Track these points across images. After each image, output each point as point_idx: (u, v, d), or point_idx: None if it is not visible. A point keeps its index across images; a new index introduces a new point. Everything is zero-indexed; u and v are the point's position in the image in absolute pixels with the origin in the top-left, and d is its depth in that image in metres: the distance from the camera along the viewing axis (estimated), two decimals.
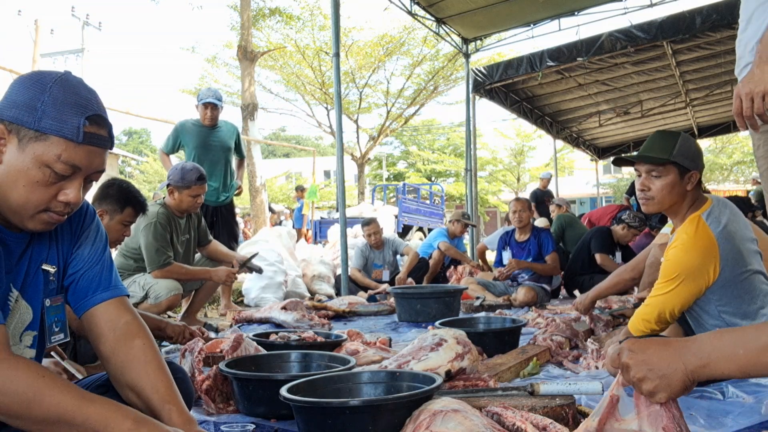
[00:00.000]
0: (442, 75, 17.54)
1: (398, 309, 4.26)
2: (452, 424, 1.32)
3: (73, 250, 1.33)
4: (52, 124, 1.10)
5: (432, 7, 7.60)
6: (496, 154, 27.13)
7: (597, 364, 2.51)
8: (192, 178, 3.72)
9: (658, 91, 9.95)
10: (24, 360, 1.09)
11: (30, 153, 1.11)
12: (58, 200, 1.15)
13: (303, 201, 12.84)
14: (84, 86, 1.17)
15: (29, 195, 1.13)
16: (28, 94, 1.12)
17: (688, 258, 2.04)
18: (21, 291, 1.22)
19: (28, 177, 1.11)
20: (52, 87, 1.12)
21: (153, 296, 3.43)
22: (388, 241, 6.30)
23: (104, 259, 1.36)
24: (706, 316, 2.13)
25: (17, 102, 1.12)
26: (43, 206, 1.15)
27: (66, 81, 1.15)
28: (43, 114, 1.10)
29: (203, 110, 4.79)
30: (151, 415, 1.22)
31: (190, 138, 4.80)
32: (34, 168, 1.11)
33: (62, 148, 1.11)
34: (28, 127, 1.10)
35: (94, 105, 1.16)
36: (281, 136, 36.88)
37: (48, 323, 1.27)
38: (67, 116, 1.11)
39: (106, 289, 1.33)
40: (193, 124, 4.85)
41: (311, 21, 15.98)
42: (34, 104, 1.10)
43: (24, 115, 1.10)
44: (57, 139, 1.11)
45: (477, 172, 9.44)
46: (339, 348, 2.58)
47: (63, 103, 1.11)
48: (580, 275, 5.57)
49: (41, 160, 1.11)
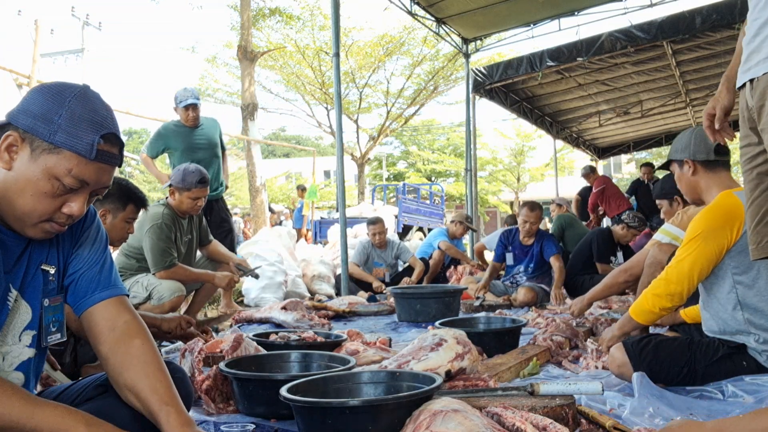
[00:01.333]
0: (442, 75, 17.53)
1: (398, 309, 4.26)
2: (452, 424, 1.32)
3: (73, 250, 1.33)
4: (66, 138, 1.12)
5: (432, 7, 7.60)
6: (496, 154, 27.11)
7: (597, 364, 2.51)
8: (193, 181, 3.71)
9: (658, 91, 9.95)
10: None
11: (41, 164, 1.12)
12: (62, 212, 1.17)
13: (303, 201, 12.84)
14: (102, 103, 1.19)
15: (35, 204, 1.14)
16: (46, 106, 1.13)
17: (710, 216, 2.09)
18: (20, 291, 1.22)
19: (37, 187, 1.13)
20: (71, 101, 1.13)
21: (156, 297, 3.43)
22: (392, 243, 6.30)
23: (104, 259, 1.37)
24: (719, 289, 2.11)
25: (34, 112, 1.13)
26: (46, 216, 1.16)
27: (85, 96, 1.16)
28: (59, 127, 1.12)
29: (184, 113, 4.73)
30: (150, 417, 1.22)
31: (176, 142, 4.75)
32: (43, 179, 1.13)
33: (74, 163, 1.13)
34: (43, 139, 1.12)
35: (110, 123, 1.18)
36: (281, 136, 36.89)
37: (45, 323, 1.28)
38: (83, 133, 1.13)
39: (105, 288, 1.33)
40: (176, 127, 4.79)
41: (311, 21, 15.98)
42: (51, 117, 1.12)
43: (40, 126, 1.11)
44: (70, 154, 1.13)
45: (477, 172, 9.45)
46: (339, 348, 2.58)
47: (80, 119, 1.13)
48: (581, 275, 5.58)
49: (52, 172, 1.12)
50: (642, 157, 23.43)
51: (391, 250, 6.26)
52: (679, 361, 2.09)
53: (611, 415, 1.78)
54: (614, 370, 2.23)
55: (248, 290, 5.46)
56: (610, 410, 1.84)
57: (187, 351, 2.22)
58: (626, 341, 2.23)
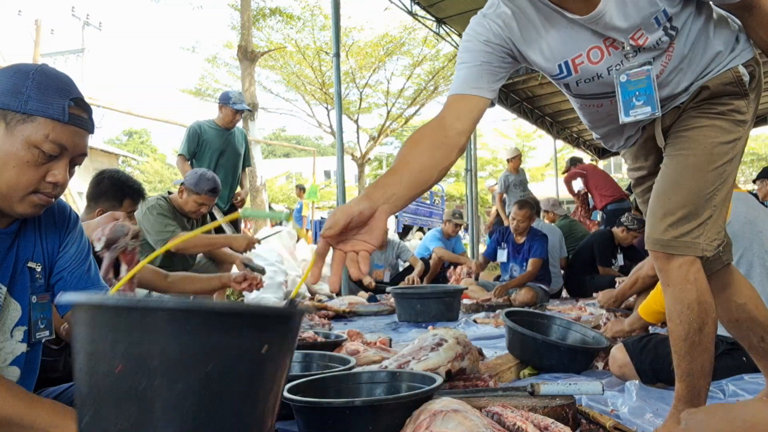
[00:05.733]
0: (443, 75, 17.50)
1: (398, 309, 4.26)
2: (452, 424, 1.32)
3: (59, 250, 1.35)
4: (38, 105, 1.15)
5: (432, 7, 7.60)
6: (496, 154, 27.11)
7: (598, 364, 2.51)
8: (205, 188, 3.71)
9: None
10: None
11: (19, 135, 1.15)
12: (47, 181, 1.19)
13: (302, 202, 12.83)
14: (63, 74, 1.23)
15: (19, 176, 1.16)
16: (11, 81, 1.16)
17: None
18: (8, 287, 1.24)
19: (18, 158, 1.15)
20: (33, 74, 1.17)
21: None
22: (392, 242, 6.31)
23: (91, 260, 1.40)
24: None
25: (0, 90, 1.15)
26: (32, 187, 1.18)
27: (45, 69, 1.21)
28: (28, 97, 1.15)
29: (233, 114, 4.71)
30: None
31: (210, 141, 4.71)
32: (23, 149, 1.15)
33: (50, 128, 1.16)
34: (15, 111, 1.14)
35: (75, 89, 1.22)
36: (281, 136, 36.89)
37: (34, 319, 1.29)
38: (52, 98, 1.17)
39: (94, 286, 1.37)
40: (210, 127, 4.76)
41: (312, 21, 15.97)
42: (18, 89, 1.15)
43: (10, 100, 1.14)
44: (44, 120, 1.16)
45: (477, 172, 9.43)
46: (339, 348, 2.58)
47: (47, 87, 1.17)
48: (582, 275, 5.59)
49: (30, 140, 1.15)
50: None
51: (392, 250, 6.26)
52: None
53: (612, 415, 1.78)
54: (615, 371, 2.23)
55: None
56: (611, 411, 1.84)
57: None
58: (626, 341, 2.24)
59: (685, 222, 1.43)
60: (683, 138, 1.50)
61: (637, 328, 2.42)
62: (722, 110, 1.47)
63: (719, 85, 1.46)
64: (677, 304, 1.45)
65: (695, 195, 1.44)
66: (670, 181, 1.48)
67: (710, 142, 1.45)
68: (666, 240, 1.44)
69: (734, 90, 1.47)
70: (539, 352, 2.41)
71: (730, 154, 1.46)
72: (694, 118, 1.49)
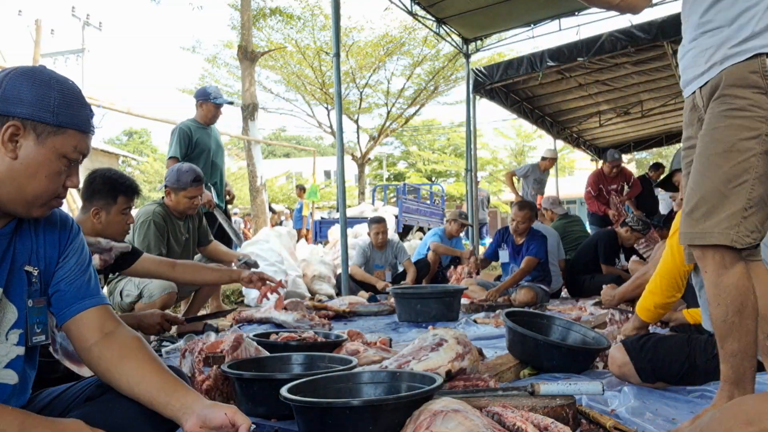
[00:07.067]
0: (443, 75, 17.53)
1: (398, 309, 4.26)
2: (452, 424, 1.32)
3: (58, 260, 1.35)
4: (68, 118, 1.20)
5: (432, 7, 7.59)
6: (497, 154, 27.13)
7: (598, 364, 2.51)
8: (188, 180, 3.69)
9: (659, 91, 9.93)
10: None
11: (50, 146, 1.19)
12: (65, 186, 1.25)
13: (302, 202, 12.83)
14: (69, 80, 1.26)
15: (48, 185, 1.21)
16: (34, 93, 1.17)
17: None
18: (5, 290, 1.24)
19: (50, 168, 1.20)
20: (52, 83, 1.19)
21: (147, 295, 3.42)
22: (391, 242, 6.31)
23: (91, 270, 1.40)
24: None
25: (28, 99, 1.16)
26: (56, 194, 1.25)
27: (56, 76, 1.23)
28: (58, 110, 1.18)
29: (214, 110, 4.65)
30: (154, 401, 1.26)
31: (202, 141, 4.66)
32: (55, 160, 1.20)
33: (77, 140, 1.22)
34: (47, 123, 1.18)
35: (84, 96, 1.26)
36: (281, 136, 36.81)
37: (30, 323, 1.29)
38: (78, 110, 1.22)
39: (93, 296, 1.37)
40: (197, 127, 4.68)
41: (312, 21, 15.97)
42: (47, 101, 1.17)
43: (41, 113, 1.17)
44: (73, 132, 1.21)
45: (477, 172, 9.42)
46: (339, 348, 2.58)
47: (70, 98, 1.21)
48: (582, 275, 5.59)
49: (61, 152, 1.20)
50: (642, 157, 23.43)
51: (391, 249, 6.27)
52: (679, 357, 2.09)
53: (612, 415, 1.78)
54: (615, 371, 2.23)
55: (248, 290, 5.46)
56: (611, 411, 1.84)
57: (188, 351, 2.22)
58: (626, 341, 2.24)
59: (710, 215, 1.54)
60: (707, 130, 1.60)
61: (638, 326, 2.42)
62: (742, 105, 1.54)
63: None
64: (713, 288, 1.54)
65: (717, 190, 1.54)
66: (693, 179, 1.62)
67: (731, 139, 1.54)
68: (695, 233, 1.56)
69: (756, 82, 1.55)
70: (540, 353, 2.41)
71: (756, 148, 1.52)
72: (715, 116, 1.59)
